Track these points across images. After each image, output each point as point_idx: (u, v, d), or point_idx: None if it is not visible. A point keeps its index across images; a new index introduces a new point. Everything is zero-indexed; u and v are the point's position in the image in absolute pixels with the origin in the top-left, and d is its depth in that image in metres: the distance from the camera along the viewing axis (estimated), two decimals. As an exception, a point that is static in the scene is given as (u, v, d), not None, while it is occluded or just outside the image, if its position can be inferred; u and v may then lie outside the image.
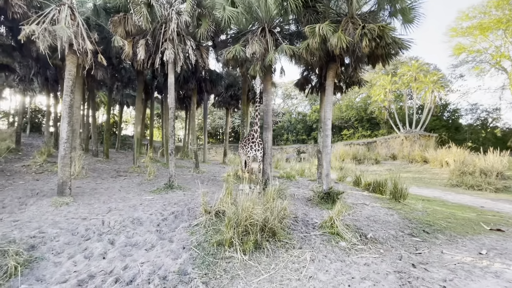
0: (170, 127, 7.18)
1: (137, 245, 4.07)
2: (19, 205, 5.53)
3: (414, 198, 8.40)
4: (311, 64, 6.86)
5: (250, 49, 6.15)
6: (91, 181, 7.90)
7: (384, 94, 24.23)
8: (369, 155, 21.16)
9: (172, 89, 7.12)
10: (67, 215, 5.04)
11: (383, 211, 6.33)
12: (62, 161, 5.80)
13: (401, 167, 18.26)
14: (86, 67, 6.08)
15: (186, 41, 6.77)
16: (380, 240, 4.58)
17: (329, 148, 6.60)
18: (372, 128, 29.09)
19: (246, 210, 4.19)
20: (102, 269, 3.29)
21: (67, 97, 5.81)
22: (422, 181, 14.18)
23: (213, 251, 3.88)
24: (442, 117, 28.61)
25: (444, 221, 5.77)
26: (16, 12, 5.69)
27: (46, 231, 4.21)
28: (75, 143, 8.74)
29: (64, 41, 5.45)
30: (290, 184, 9.67)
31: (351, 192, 8.56)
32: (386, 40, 5.09)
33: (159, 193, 6.84)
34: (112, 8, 7.41)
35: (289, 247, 4.20)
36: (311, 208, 6.31)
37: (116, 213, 5.26)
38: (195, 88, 11.60)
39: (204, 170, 11.28)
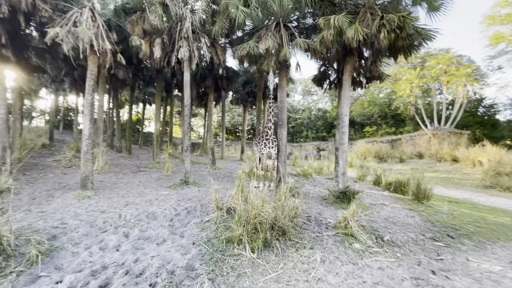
0: (185, 124, 7.30)
1: (149, 239, 4.19)
2: (47, 197, 5.94)
3: (440, 200, 7.87)
4: (327, 58, 6.61)
5: (263, 45, 6.05)
6: (112, 176, 8.29)
7: (410, 89, 22.89)
8: (393, 153, 20.17)
9: (187, 86, 7.23)
10: (87, 207, 5.32)
11: (404, 212, 5.99)
12: (85, 156, 6.12)
13: (427, 166, 17.21)
14: (107, 66, 6.33)
15: (201, 38, 6.83)
16: (397, 243, 4.33)
17: (346, 146, 6.34)
18: (396, 125, 27.68)
19: (255, 208, 4.14)
20: (114, 261, 3.42)
21: (89, 96, 6.10)
22: (450, 181, 13.26)
23: (222, 248, 3.89)
24: (477, 113, 26.50)
25: (472, 225, 5.34)
26: (43, 16, 6.08)
27: (67, 222, 4.47)
28: (99, 140, 9.21)
29: (85, 42, 5.71)
30: (306, 182, 9.48)
31: (370, 192, 8.21)
32: (408, 30, 4.74)
33: (174, 188, 7.01)
34: (131, 9, 7.68)
35: (300, 247, 4.10)
36: (326, 207, 6.13)
37: (133, 207, 5.46)
38: (212, 86, 11.72)
39: (221, 166, 11.40)
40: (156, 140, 10.78)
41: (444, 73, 21.84)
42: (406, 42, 5.12)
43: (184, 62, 7.21)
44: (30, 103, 30.58)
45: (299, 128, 34.58)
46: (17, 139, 9.40)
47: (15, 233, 3.66)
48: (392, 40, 4.94)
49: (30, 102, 30.39)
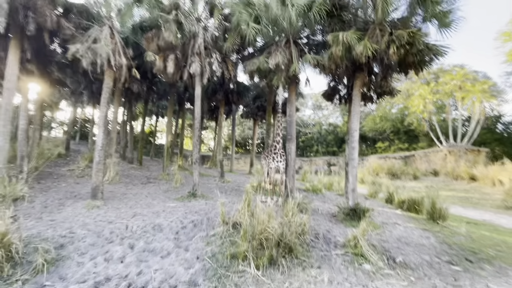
0: (195, 136, 7.41)
1: (154, 251, 4.16)
2: (58, 205, 6.07)
3: (458, 220, 7.46)
4: (337, 73, 6.64)
5: (273, 60, 6.17)
6: (122, 187, 8.42)
7: (424, 105, 22.46)
8: (406, 170, 19.55)
9: (198, 100, 7.41)
10: (96, 217, 5.38)
11: (417, 232, 5.71)
12: (96, 167, 6.27)
13: (443, 185, 16.53)
14: (122, 80, 6.59)
15: (212, 54, 7.06)
16: (411, 266, 4.09)
17: (356, 161, 6.22)
18: (409, 141, 26.98)
19: (261, 224, 4.06)
20: (118, 272, 3.40)
21: (104, 108, 6.34)
22: (469, 201, 12.62)
23: (227, 264, 3.80)
24: (495, 129, 25.54)
25: (493, 249, 5.00)
26: (66, 34, 6.49)
27: (75, 231, 4.52)
28: (111, 151, 9.45)
29: (103, 57, 6.01)
30: (315, 198, 9.28)
31: (382, 210, 7.92)
32: (418, 46, 4.72)
33: (182, 201, 7.01)
34: (147, 26, 8.09)
35: (307, 266, 3.94)
36: (335, 224, 5.94)
37: (140, 218, 5.48)
38: (222, 99, 11.96)
39: (229, 179, 11.38)
40: (166, 152, 10.96)
41: (459, 89, 21.39)
42: (417, 58, 5.09)
43: (196, 77, 7.44)
44: (51, 114, 32.10)
45: (309, 143, 34.33)
46: (35, 149, 9.77)
47: (24, 241, 3.73)
48: (402, 55, 4.93)
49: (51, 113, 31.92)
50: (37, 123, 9.73)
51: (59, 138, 25.06)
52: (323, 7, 5.81)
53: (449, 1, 5.16)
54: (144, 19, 8.27)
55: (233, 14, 6.85)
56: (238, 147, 39.10)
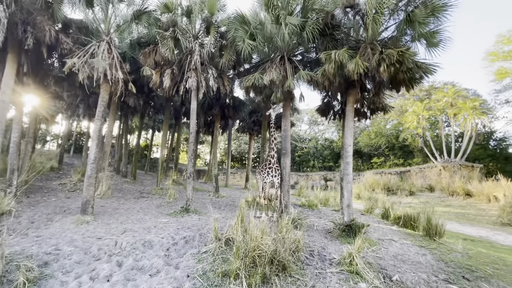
0: (190, 151, 7.38)
1: (143, 269, 4.00)
2: (46, 221, 5.88)
3: (455, 237, 7.38)
4: (330, 89, 6.78)
5: (268, 76, 6.29)
6: (114, 201, 8.23)
7: (417, 121, 22.88)
8: (402, 186, 19.55)
9: (194, 114, 7.45)
10: (85, 233, 5.21)
11: (414, 249, 5.62)
12: (88, 181, 6.15)
13: (439, 200, 16.50)
14: (118, 94, 6.63)
15: (208, 70, 7.19)
16: (408, 284, 3.99)
17: (350, 176, 6.21)
18: (405, 157, 27.22)
19: (254, 240, 3.97)
20: (103, 292, 3.25)
21: (98, 121, 6.32)
22: (465, 217, 12.56)
23: (218, 282, 3.67)
24: (488, 146, 25.97)
25: (490, 266, 4.92)
26: (64, 48, 6.59)
27: (61, 248, 4.36)
28: (104, 164, 9.33)
29: (100, 71, 6.07)
30: (311, 213, 9.16)
31: (378, 226, 7.82)
32: (407, 64, 4.88)
33: (175, 216, 6.86)
34: (145, 42, 8.27)
35: (301, 284, 3.82)
36: (331, 241, 5.82)
37: (130, 234, 5.32)
38: (218, 114, 12.03)
39: (224, 194, 11.22)
40: (161, 166, 10.84)
41: (451, 106, 21.93)
42: (407, 76, 5.24)
43: (192, 92, 7.52)
44: (46, 127, 31.90)
45: (305, 158, 34.38)
46: (27, 162, 9.61)
47: (7, 258, 3.58)
48: (392, 73, 5.07)
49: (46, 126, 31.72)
50: (30, 136, 9.62)
51: (53, 151, 24.75)
52: (315, 26, 6.03)
53: (436, 22, 5.40)
54: (142, 35, 8.47)
55: (229, 31, 7.07)
56: (235, 161, 38.96)
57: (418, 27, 5.30)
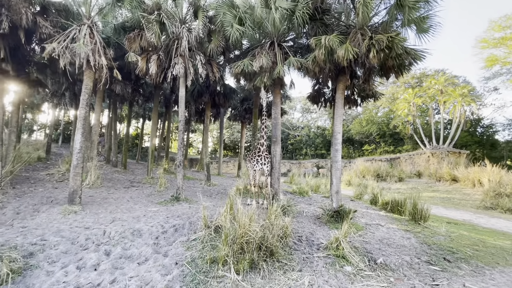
0: (179, 139, 7.28)
1: (131, 257, 4.01)
2: (32, 211, 5.78)
3: (439, 221, 7.64)
4: (320, 76, 6.71)
5: (257, 63, 6.16)
6: (104, 191, 8.14)
7: (408, 108, 23.11)
8: (392, 172, 19.97)
9: (182, 102, 7.29)
10: (72, 223, 5.16)
11: (399, 233, 5.79)
12: (74, 170, 6.03)
13: (427, 186, 16.97)
14: (102, 81, 6.41)
15: (196, 56, 6.98)
16: (391, 267, 4.12)
17: (339, 163, 6.26)
18: (395, 144, 27.68)
19: (242, 227, 4.00)
20: (90, 281, 3.25)
21: (82, 110, 6.13)
22: (450, 201, 12.99)
23: (206, 269, 3.71)
24: (475, 132, 26.59)
25: (470, 248, 5.12)
26: (43, 33, 6.26)
27: (48, 238, 4.31)
28: (92, 154, 9.15)
29: (82, 57, 5.82)
30: (301, 200, 9.29)
31: (366, 212, 8.00)
32: (396, 50, 4.83)
33: (165, 205, 6.85)
34: (130, 27, 7.91)
35: (288, 269, 3.90)
36: (319, 227, 5.93)
37: (119, 223, 5.30)
38: (208, 102, 11.84)
39: (216, 183, 11.24)
40: (151, 155, 10.72)
41: (441, 93, 22.15)
42: (396, 62, 5.20)
43: (180, 79, 7.32)
44: (32, 116, 30.96)
45: (298, 145, 34.58)
46: (11, 152, 9.33)
47: (-11, 249, 3.52)
48: (382, 59, 5.03)
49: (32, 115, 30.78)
50: (13, 125, 9.30)
51: (41, 141, 24.17)
52: (305, 11, 5.87)
53: (426, 7, 5.33)
54: (127, 19, 8.10)
55: (217, 15, 6.82)
56: (228, 150, 38.92)
57: (408, 12, 5.21)
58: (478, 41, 22.77)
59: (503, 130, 26.99)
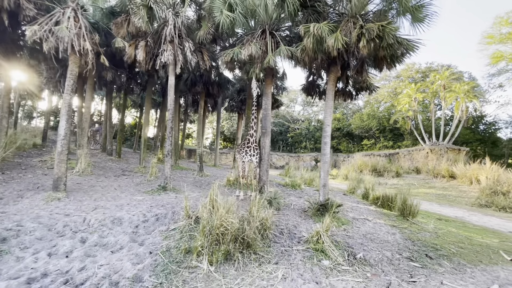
0: (168, 128, 7.17)
1: (106, 245, 3.97)
2: (16, 197, 5.76)
3: (430, 217, 7.55)
4: (312, 67, 6.52)
5: (246, 51, 5.97)
6: (93, 179, 8.12)
7: (409, 104, 22.74)
8: (389, 167, 19.82)
9: (171, 91, 7.15)
10: (53, 210, 5.13)
11: (385, 229, 5.71)
12: (59, 157, 5.97)
13: (424, 182, 16.84)
14: (89, 67, 6.27)
15: (185, 43, 6.78)
16: (370, 262, 4.05)
17: (328, 156, 6.14)
18: (395, 139, 27.39)
19: (218, 218, 3.92)
20: (59, 268, 3.21)
21: (67, 96, 6.01)
22: (446, 198, 12.88)
23: (180, 259, 3.66)
24: (477, 129, 26.21)
25: (455, 245, 5.04)
26: (27, 16, 6.09)
27: (24, 224, 4.28)
28: (83, 141, 9.09)
29: (65, 41, 5.67)
30: (293, 193, 9.22)
31: (356, 206, 7.93)
32: (387, 40, 4.62)
33: (151, 194, 6.81)
34: (119, 12, 7.69)
35: (264, 261, 3.85)
36: (304, 220, 5.87)
37: (101, 211, 5.26)
38: (202, 91, 11.66)
39: (208, 173, 11.19)
40: (143, 145, 10.65)
41: (443, 88, 21.72)
42: (387, 52, 4.99)
43: (169, 66, 7.16)
44: (32, 103, 30.92)
45: (298, 139, 34.40)
46: (3, 138, 9.30)
47: (-41, 234, 3.48)
48: (372, 49, 4.82)
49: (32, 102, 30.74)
50: (5, 110, 9.24)
51: (39, 128, 24.19)
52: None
53: (422, -5, 5.07)
54: (116, 3, 7.87)
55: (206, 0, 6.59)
56: (228, 141, 38.86)
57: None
58: (484, 36, 22.15)
59: (506, 127, 26.59)
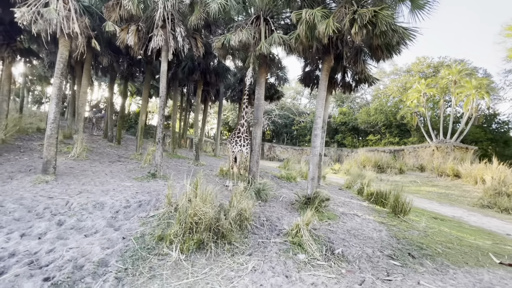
0: (159, 115, 7.12)
1: (82, 229, 3.98)
2: (5, 178, 5.85)
3: (425, 215, 7.34)
4: (307, 56, 6.28)
5: (236, 37, 5.77)
6: (87, 164, 8.19)
7: (418, 99, 22.01)
8: (393, 164, 19.43)
9: (163, 77, 7.04)
10: (38, 192, 5.18)
11: (372, 225, 5.56)
12: (48, 141, 6.01)
13: (427, 180, 16.44)
14: (78, 50, 6.21)
15: (176, 28, 6.62)
16: (348, 258, 3.94)
17: (317, 149, 5.98)
18: (401, 135, 26.70)
19: (193, 207, 3.86)
20: (28, 249, 3.22)
21: (57, 80, 5.99)
22: (447, 197, 12.54)
23: (152, 246, 3.64)
24: (489, 128, 25.24)
25: (443, 246, 4.86)
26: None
27: (5, 205, 4.33)
28: (79, 126, 9.16)
29: (54, 24, 5.59)
30: (286, 185, 9.12)
31: (349, 201, 7.77)
32: (381, 27, 4.34)
33: (140, 180, 6.82)
34: (113, -5, 7.56)
35: (237, 252, 3.80)
36: (290, 212, 5.77)
37: (85, 195, 5.29)
38: (200, 80, 11.51)
39: (204, 163, 11.17)
40: (140, 132, 10.68)
41: (454, 84, 20.88)
42: (381, 40, 4.70)
43: (162, 52, 7.04)
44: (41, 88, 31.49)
45: (302, 132, 34.03)
46: (3, 121, 9.46)
47: None
48: (364, 36, 4.56)
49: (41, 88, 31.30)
50: (5, 94, 9.36)
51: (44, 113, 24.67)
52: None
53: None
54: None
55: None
56: (231, 132, 38.78)
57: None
58: (504, 28, 20.96)
59: (520, 127, 25.48)
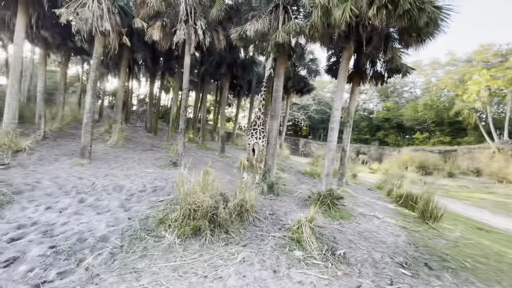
0: (182, 107, 7.44)
1: (97, 207, 4.39)
2: (52, 160, 6.76)
3: (467, 225, 6.40)
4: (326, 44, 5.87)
5: (252, 26, 5.68)
6: (121, 151, 9.01)
7: (477, 93, 19.10)
8: (441, 166, 17.33)
9: (186, 70, 7.33)
10: (72, 173, 5.87)
11: (391, 229, 5.04)
12: (84, 128, 6.74)
13: (483, 186, 14.31)
14: (111, 46, 6.78)
15: (197, 21, 6.78)
16: (350, 261, 3.64)
17: (334, 144, 5.61)
18: (454, 134, 23.49)
19: (191, 195, 3.97)
20: (47, 220, 3.68)
21: (93, 73, 6.66)
22: (505, 207, 10.74)
23: (152, 227, 3.85)
24: None
25: (474, 260, 4.17)
26: (64, 0, 6.82)
27: (42, 182, 5.00)
28: (117, 117, 10.08)
29: (89, 23, 6.19)
30: (308, 181, 8.80)
31: (373, 202, 7.17)
32: (403, 6, 3.81)
33: (162, 168, 7.25)
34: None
35: (232, 242, 3.79)
36: (300, 208, 5.55)
37: (109, 178, 5.82)
38: (226, 73, 11.68)
39: (229, 155, 11.39)
40: (172, 124, 11.35)
41: (527, 75, 17.58)
42: (405, 22, 4.13)
43: (185, 46, 7.31)
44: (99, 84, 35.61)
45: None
46: (60, 111, 10.87)
47: (-13, 183, 4.24)
48: (384, 18, 4.05)
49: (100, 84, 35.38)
50: (61, 88, 10.76)
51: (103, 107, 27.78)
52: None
53: None
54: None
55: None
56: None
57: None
58: None
59: None
